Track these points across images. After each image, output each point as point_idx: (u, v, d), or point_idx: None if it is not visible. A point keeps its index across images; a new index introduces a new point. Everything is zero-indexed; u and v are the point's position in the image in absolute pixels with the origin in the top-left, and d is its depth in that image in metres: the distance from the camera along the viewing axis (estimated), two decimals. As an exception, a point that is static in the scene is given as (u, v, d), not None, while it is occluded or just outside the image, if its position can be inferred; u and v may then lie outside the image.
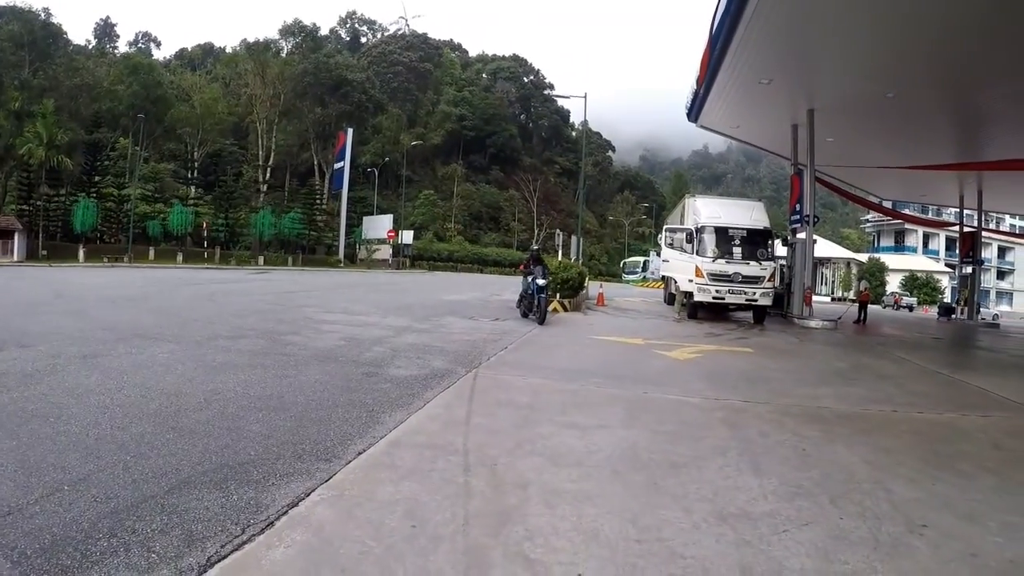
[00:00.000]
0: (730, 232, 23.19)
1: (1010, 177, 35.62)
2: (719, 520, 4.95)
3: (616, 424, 7.53)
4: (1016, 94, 23.07)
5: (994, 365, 18.38)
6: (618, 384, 10.08)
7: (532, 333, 16.19)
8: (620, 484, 5.55)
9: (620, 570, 4.01)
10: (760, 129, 32.51)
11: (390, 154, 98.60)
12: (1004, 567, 4.55)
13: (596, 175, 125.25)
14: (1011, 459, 7.62)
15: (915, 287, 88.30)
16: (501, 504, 4.87)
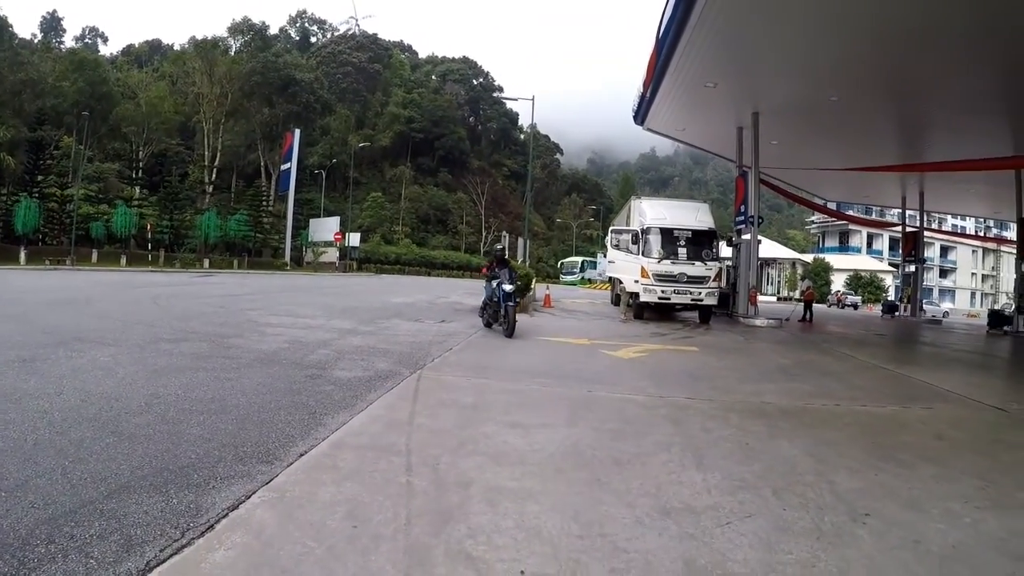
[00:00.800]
0: (675, 233, 23.37)
1: (950, 178, 36.49)
2: (662, 514, 4.99)
3: (560, 423, 7.54)
4: (952, 100, 23.64)
5: (936, 359, 18.73)
6: (563, 384, 10.10)
7: (478, 335, 16.16)
8: (563, 481, 5.57)
9: (562, 566, 4.02)
10: (706, 132, 32.86)
11: (338, 156, 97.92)
12: (947, 552, 4.65)
13: (544, 178, 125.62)
14: (952, 448, 7.78)
15: (859, 286, 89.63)
16: (443, 503, 4.86)
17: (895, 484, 6.10)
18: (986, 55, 19.89)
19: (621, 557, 4.24)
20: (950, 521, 5.27)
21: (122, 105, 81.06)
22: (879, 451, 7.20)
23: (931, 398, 11.37)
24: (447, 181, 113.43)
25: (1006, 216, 44.92)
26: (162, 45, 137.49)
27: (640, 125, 32.12)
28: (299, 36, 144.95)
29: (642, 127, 32.35)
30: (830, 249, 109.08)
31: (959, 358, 19.63)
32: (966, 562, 4.57)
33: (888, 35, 19.10)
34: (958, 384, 12.86)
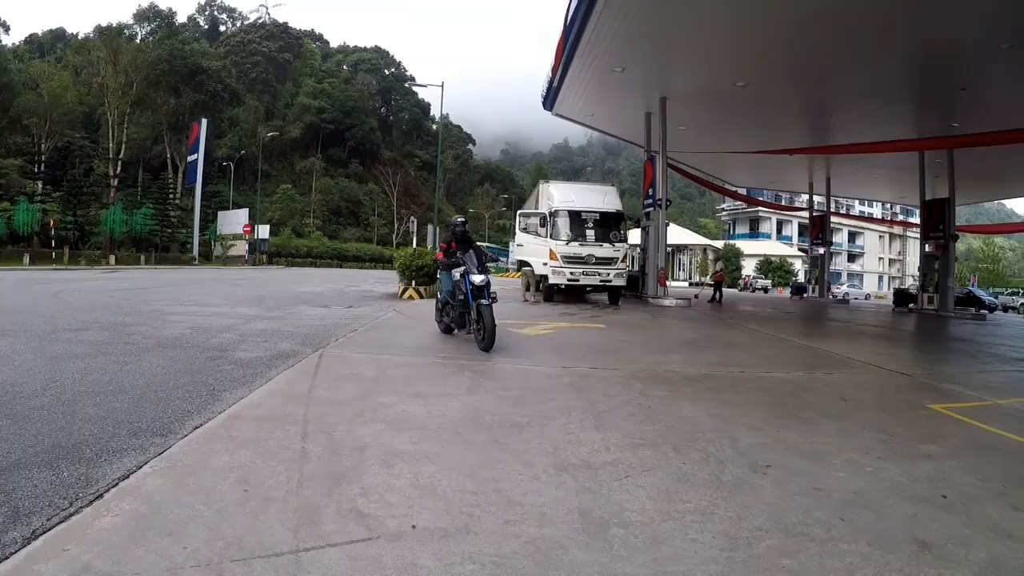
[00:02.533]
0: (583, 215, 23.35)
1: (856, 163, 37.44)
2: (559, 471, 5.06)
3: (461, 392, 7.58)
4: (858, 85, 24.25)
5: (842, 333, 19.20)
6: (466, 357, 10.15)
7: (386, 316, 15.88)
8: (461, 444, 5.59)
9: (455, 519, 4.06)
10: (615, 117, 33.07)
11: (247, 147, 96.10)
12: (848, 497, 4.79)
13: (457, 168, 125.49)
14: (855, 408, 8.00)
15: (769, 270, 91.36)
16: (337, 466, 4.85)
17: (797, 439, 6.24)
18: (889, 41, 20.44)
19: (516, 510, 4.29)
20: (852, 470, 5.43)
21: (23, 96, 78.29)
22: (782, 411, 7.36)
23: (835, 365, 11.67)
24: (358, 172, 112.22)
25: (910, 201, 46.25)
26: (66, 34, 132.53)
27: (549, 111, 32.26)
28: (208, 24, 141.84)
29: (551, 112, 32.48)
30: (741, 236, 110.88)
31: (864, 332, 20.18)
32: (868, 506, 4.70)
33: (793, 22, 19.51)
34: (862, 354, 13.21)
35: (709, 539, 3.99)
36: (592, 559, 3.72)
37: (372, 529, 3.85)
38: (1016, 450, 6.84)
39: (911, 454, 6.11)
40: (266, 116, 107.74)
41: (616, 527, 4.18)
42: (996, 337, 21.32)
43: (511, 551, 3.72)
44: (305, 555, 3.48)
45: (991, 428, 7.61)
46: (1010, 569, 4.00)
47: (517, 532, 3.99)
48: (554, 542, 3.90)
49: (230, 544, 3.56)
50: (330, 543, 3.63)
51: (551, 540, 3.92)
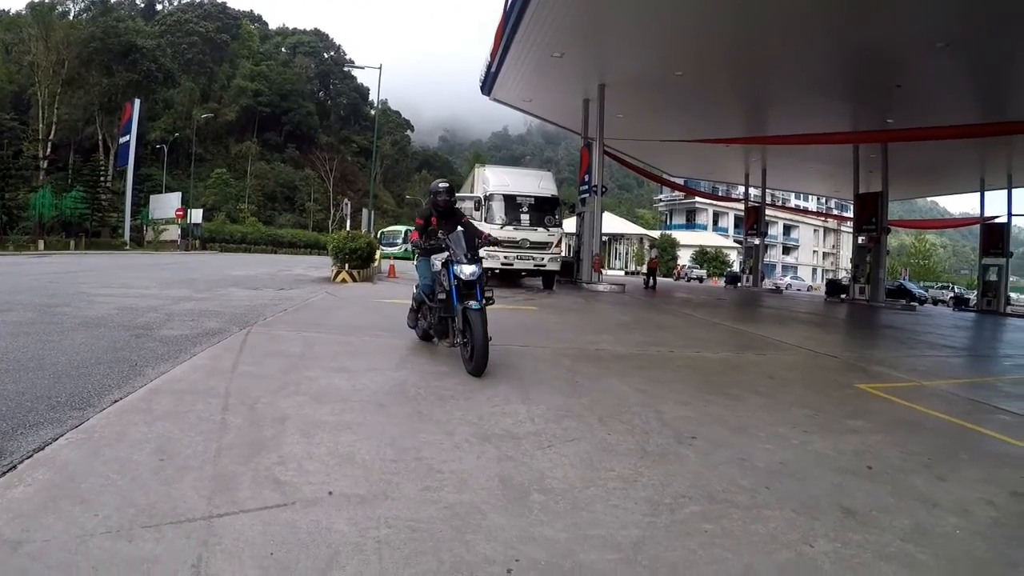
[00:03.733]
0: (518, 199, 23.30)
1: (792, 155, 37.97)
2: (482, 440, 5.10)
3: (388, 368, 7.59)
4: (795, 77, 24.56)
5: (774, 319, 19.52)
6: (396, 336, 10.05)
7: (317, 298, 15.59)
8: (383, 415, 5.59)
9: (373, 486, 4.06)
10: (553, 103, 33.13)
11: (181, 130, 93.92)
12: (773, 467, 4.91)
13: (395, 155, 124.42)
14: (784, 385, 8.12)
15: (705, 261, 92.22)
16: (256, 436, 4.80)
17: (724, 413, 6.32)
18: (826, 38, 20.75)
19: (435, 477, 4.32)
20: (778, 443, 5.55)
21: (-50, 74, 76.05)
22: (710, 387, 7.46)
23: (766, 347, 11.84)
24: (295, 157, 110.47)
25: (845, 195, 47.08)
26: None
27: (487, 95, 32.24)
28: (143, 3, 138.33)
29: (489, 97, 32.46)
30: (677, 226, 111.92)
31: (796, 318, 20.56)
32: (794, 476, 4.81)
33: (731, 13, 19.66)
34: (792, 337, 13.42)
35: (631, 505, 3.99)
36: (511, 523, 3.73)
37: (288, 495, 3.82)
38: (941, 426, 6.99)
39: (837, 429, 6.20)
40: (202, 98, 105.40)
41: (537, 493, 4.20)
42: (925, 326, 21.85)
43: (428, 516, 3.72)
44: (218, 520, 3.44)
45: (917, 406, 7.76)
46: (935, 535, 4.08)
47: (436, 498, 3.99)
48: (473, 507, 3.90)
49: (142, 511, 3.50)
50: (244, 509, 3.59)
51: (470, 505, 3.93)
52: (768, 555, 3.58)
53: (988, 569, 3.81)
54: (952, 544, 4.07)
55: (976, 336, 21.34)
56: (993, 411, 8.46)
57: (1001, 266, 38.56)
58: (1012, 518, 4.65)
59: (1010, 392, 10.11)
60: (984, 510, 4.71)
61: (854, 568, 3.56)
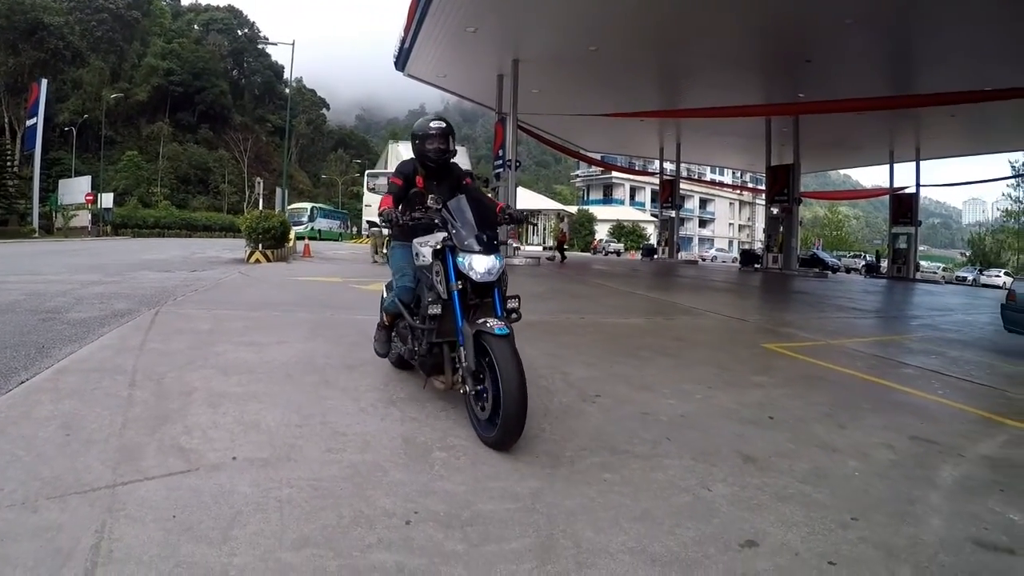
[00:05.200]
0: None
1: (706, 129, 38.50)
2: (387, 404, 5.22)
3: (297, 340, 7.56)
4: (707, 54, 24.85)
5: (687, 287, 19.91)
6: (307, 311, 10.04)
7: (230, 278, 15.26)
8: (290, 384, 5.63)
9: (277, 450, 4.11)
10: (467, 79, 33.01)
11: (91, 112, 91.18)
12: (675, 420, 5.08)
13: (310, 134, 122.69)
14: (691, 347, 8.32)
15: (622, 235, 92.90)
16: (162, 409, 4.78)
17: (630, 373, 6.47)
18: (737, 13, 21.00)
19: (339, 439, 4.40)
20: (681, 398, 5.72)
21: None
22: (619, 350, 7.60)
23: (676, 313, 12.07)
24: (208, 138, 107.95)
25: (759, 168, 47.89)
26: None
27: (401, 71, 31.96)
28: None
29: (403, 73, 32.19)
30: (594, 201, 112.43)
31: (709, 286, 20.99)
32: (695, 427, 4.97)
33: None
34: (703, 303, 13.68)
35: (532, 459, 4.14)
36: (411, 479, 3.84)
37: (192, 462, 3.84)
38: (844, 380, 7.24)
39: (741, 384, 6.39)
40: (112, 78, 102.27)
41: (439, 451, 4.32)
42: (835, 292, 22.49)
43: (330, 475, 3.79)
44: (122, 488, 3.44)
45: (822, 362, 8.02)
46: (833, 477, 4.27)
47: (338, 459, 4.07)
48: (375, 466, 3.99)
49: (47, 483, 3.48)
50: (148, 477, 3.60)
51: (372, 464, 4.02)
52: (666, 500, 3.70)
53: (884, 505, 3.98)
54: (850, 484, 4.26)
55: (884, 300, 22.04)
56: (897, 365, 8.79)
57: (910, 234, 39.87)
58: (909, 460, 4.88)
59: (914, 349, 10.53)
60: (883, 453, 4.93)
61: (751, 508, 3.70)
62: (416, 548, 3.05)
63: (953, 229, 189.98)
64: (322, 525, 3.17)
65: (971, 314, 17.88)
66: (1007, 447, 5.63)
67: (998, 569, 3.43)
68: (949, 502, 4.24)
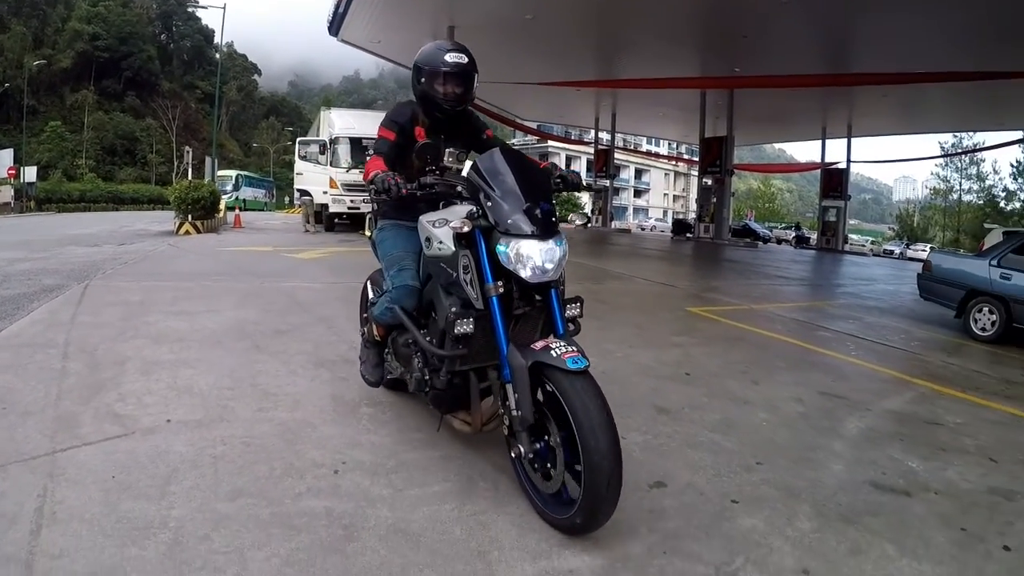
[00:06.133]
0: (364, 142, 22.63)
1: (641, 100, 38.71)
2: (317, 366, 5.39)
3: (227, 308, 7.62)
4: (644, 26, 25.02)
5: (617, 254, 20.28)
6: (238, 280, 10.05)
7: (159, 250, 15.02)
8: (222, 350, 5.73)
9: (210, 412, 4.25)
10: (403, 44, 32.53)
11: (12, 80, 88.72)
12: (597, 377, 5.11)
13: (241, 101, 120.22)
14: (615, 309, 8.59)
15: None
16: (96, 379, 4.84)
17: None
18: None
19: (270, 399, 4.56)
20: (602, 357, 5.89)
21: None
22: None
23: (605, 278, 12.34)
24: (135, 106, 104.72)
25: (693, 139, 48.26)
26: None
27: (335, 36, 31.55)
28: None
29: (337, 38, 31.80)
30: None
31: (639, 254, 21.38)
32: (613, 383, 5.16)
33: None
34: (632, 269, 13.99)
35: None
36: (340, 433, 4.05)
37: (128, 427, 3.94)
38: (763, 341, 7.57)
39: (662, 344, 6.68)
40: (34, 44, 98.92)
41: (366, 407, 4.53)
42: (764, 261, 23.06)
43: (262, 432, 3.96)
44: (61, 455, 3.54)
45: (743, 325, 8.34)
46: (742, 427, 4.59)
47: (270, 417, 4.24)
48: (304, 423, 4.18)
49: None
50: (86, 443, 3.69)
51: (302, 421, 4.21)
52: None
53: (788, 452, 4.29)
54: (758, 433, 4.58)
55: (811, 269, 22.64)
56: (815, 329, 9.17)
57: (839, 208, 40.70)
58: (816, 412, 5.21)
59: (834, 314, 10.98)
60: (792, 406, 5.24)
61: (662, 454, 4.01)
62: (344, 494, 3.26)
63: (884, 205, 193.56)
64: (255, 477, 3.35)
65: (893, 284, 18.45)
66: (912, 403, 6.00)
67: (894, 508, 3.72)
68: (851, 450, 4.56)
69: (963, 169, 71.04)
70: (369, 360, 4.47)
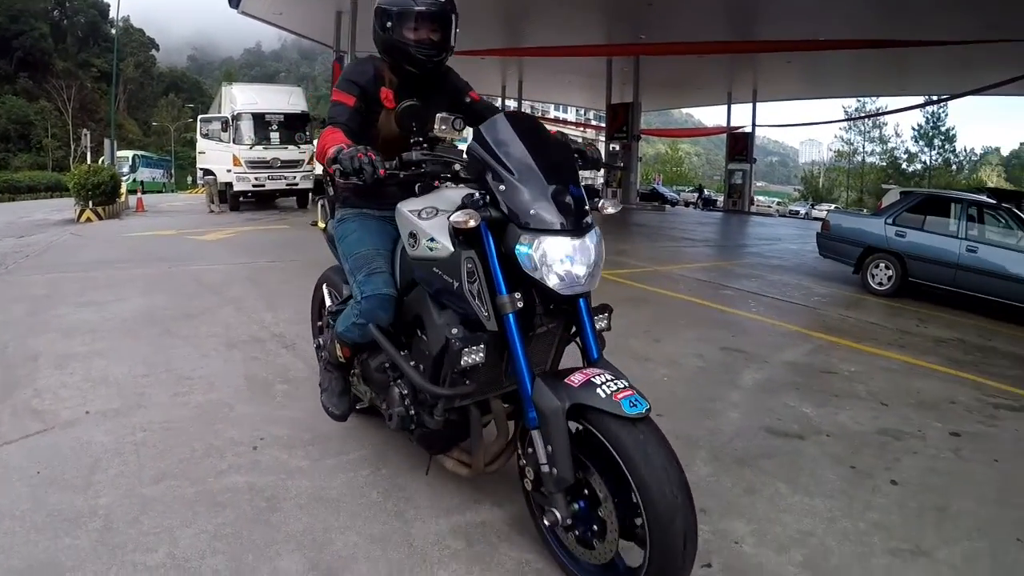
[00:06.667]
0: (267, 118, 22.60)
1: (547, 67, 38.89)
2: (229, 347, 5.48)
3: (135, 295, 7.56)
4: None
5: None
6: (144, 266, 9.88)
7: (61, 240, 14.43)
8: (133, 338, 5.74)
9: (127, 400, 4.30)
10: (304, 15, 32.17)
11: None
12: None
13: (139, 78, 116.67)
14: None
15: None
16: (9, 377, 4.79)
17: None
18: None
19: (185, 383, 4.63)
20: None
21: None
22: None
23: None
24: (28, 88, 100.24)
25: (601, 106, 48.62)
26: None
27: (235, 8, 30.96)
28: None
29: (237, 10, 31.19)
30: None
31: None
32: None
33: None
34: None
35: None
36: (256, 411, 4.19)
37: (47, 422, 3.96)
38: (666, 301, 7.90)
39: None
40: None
41: (280, 384, 4.68)
42: (671, 224, 23.58)
43: (180, 416, 4.05)
44: None
45: (647, 287, 8.64)
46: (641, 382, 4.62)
47: (186, 401, 4.32)
48: (221, 403, 4.29)
49: None
50: (7, 441, 3.69)
51: (218, 402, 4.31)
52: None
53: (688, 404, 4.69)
54: (658, 388, 4.86)
55: (717, 231, 23.26)
56: (719, 288, 9.55)
57: (745, 171, 41.60)
58: (716, 366, 5.51)
59: (738, 273, 11.42)
60: (692, 361, 5.53)
61: None
62: (264, 469, 3.40)
63: (790, 167, 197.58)
64: (177, 460, 3.45)
65: (796, 244, 19.04)
66: (809, 355, 6.36)
67: (787, 451, 4.02)
68: (748, 400, 4.86)
69: (866, 132, 73.47)
70: (332, 387, 3.62)
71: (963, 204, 11.06)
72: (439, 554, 2.79)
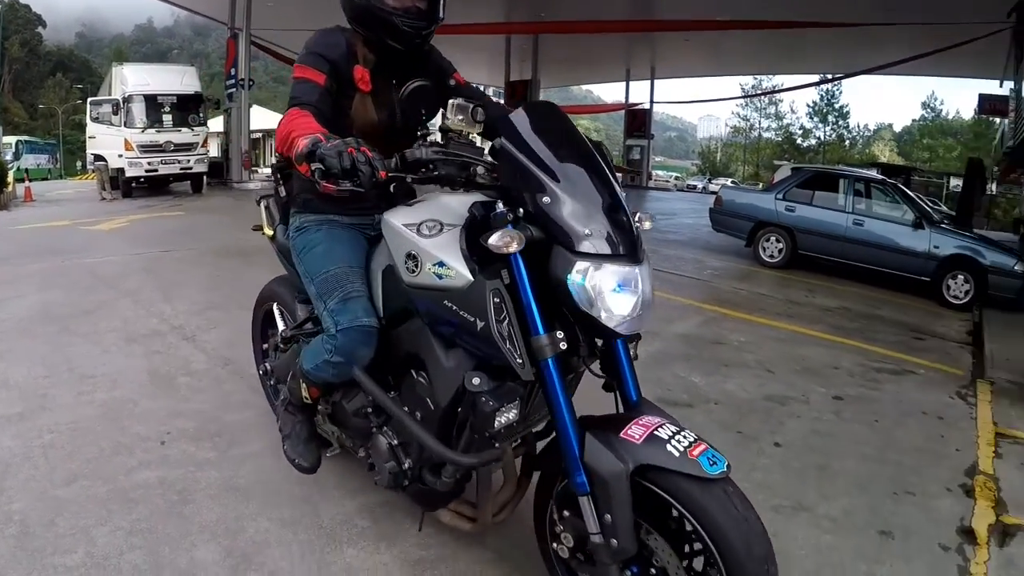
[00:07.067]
0: (159, 99, 21.88)
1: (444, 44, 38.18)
2: (129, 342, 5.46)
3: (31, 292, 7.35)
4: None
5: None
6: (37, 260, 9.53)
7: None
8: (30, 338, 5.62)
9: (30, 403, 4.24)
10: (196, -11, 31.46)
11: None
12: None
13: (25, 57, 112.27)
14: None
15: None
16: None
17: None
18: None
19: (88, 382, 4.60)
20: None
21: None
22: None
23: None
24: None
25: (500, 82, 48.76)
26: None
27: (125, -17, 30.20)
28: None
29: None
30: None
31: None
32: None
33: None
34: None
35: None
36: (161, 406, 4.22)
37: None
38: None
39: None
40: None
41: (183, 377, 4.72)
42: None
43: (86, 416, 4.04)
44: None
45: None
46: None
47: (90, 399, 4.31)
48: (125, 400, 4.31)
49: None
50: None
51: (122, 399, 4.32)
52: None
53: None
54: None
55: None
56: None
57: (643, 146, 42.24)
58: None
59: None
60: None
61: None
62: (173, 462, 3.47)
63: (689, 142, 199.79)
64: (86, 460, 3.47)
65: (692, 218, 19.51)
66: (700, 327, 6.66)
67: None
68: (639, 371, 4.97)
69: (763, 109, 75.59)
70: (296, 433, 2.99)
71: (850, 179, 11.62)
72: (348, 533, 2.93)
